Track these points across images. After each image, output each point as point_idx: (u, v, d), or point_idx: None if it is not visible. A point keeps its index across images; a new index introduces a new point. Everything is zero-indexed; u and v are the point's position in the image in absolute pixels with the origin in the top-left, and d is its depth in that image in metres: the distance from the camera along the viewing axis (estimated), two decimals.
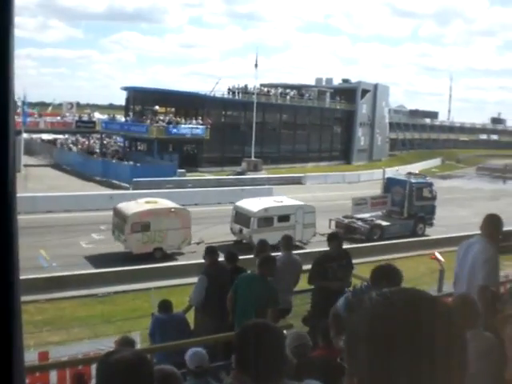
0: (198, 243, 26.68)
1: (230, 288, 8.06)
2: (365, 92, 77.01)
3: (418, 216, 35.05)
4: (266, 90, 68.12)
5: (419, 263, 25.16)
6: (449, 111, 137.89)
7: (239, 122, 63.28)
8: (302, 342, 5.63)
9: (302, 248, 26.94)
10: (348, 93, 75.64)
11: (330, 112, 73.76)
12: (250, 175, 52.91)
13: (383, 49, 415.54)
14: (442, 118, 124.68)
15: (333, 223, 33.46)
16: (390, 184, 36.97)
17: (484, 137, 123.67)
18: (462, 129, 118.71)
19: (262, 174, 54.28)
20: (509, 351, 3.06)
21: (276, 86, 71.45)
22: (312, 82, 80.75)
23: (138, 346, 9.17)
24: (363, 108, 76.83)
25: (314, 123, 71.28)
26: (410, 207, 35.29)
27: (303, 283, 9.92)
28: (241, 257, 9.75)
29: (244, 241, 28.70)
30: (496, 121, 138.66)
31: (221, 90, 63.84)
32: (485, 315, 3.99)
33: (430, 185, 37.41)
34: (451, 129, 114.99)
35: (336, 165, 70.16)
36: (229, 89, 64.56)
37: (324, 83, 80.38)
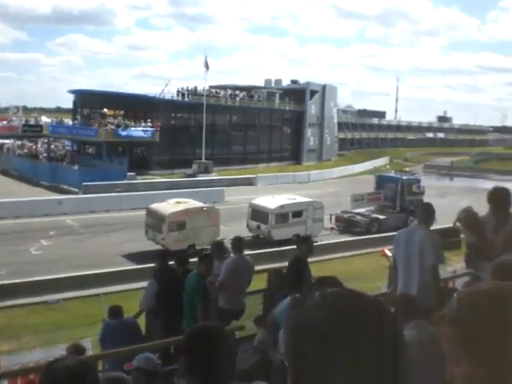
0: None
1: (181, 291, 8.15)
2: (313, 93, 77.24)
3: (409, 209, 36.64)
4: (215, 91, 67.95)
5: (370, 260, 25.60)
6: (396, 111, 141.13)
7: (189, 124, 62.72)
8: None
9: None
10: (297, 94, 75.91)
11: (279, 113, 73.98)
12: (201, 177, 52.71)
13: (330, 50, 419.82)
14: (390, 117, 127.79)
15: (333, 218, 36.01)
16: (381, 181, 40.11)
17: (430, 135, 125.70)
18: (409, 128, 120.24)
19: (213, 176, 54.26)
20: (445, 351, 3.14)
21: (225, 88, 71.23)
22: (261, 84, 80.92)
23: (90, 353, 9.01)
24: (312, 108, 77.12)
25: (264, 124, 71.30)
26: (402, 202, 37.93)
27: (256, 283, 9.94)
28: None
29: (261, 236, 30.77)
30: (442, 119, 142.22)
31: (170, 92, 63.23)
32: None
33: (419, 181, 40.62)
34: (398, 128, 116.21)
35: (286, 165, 70.43)
36: (178, 91, 64.01)
37: (273, 84, 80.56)
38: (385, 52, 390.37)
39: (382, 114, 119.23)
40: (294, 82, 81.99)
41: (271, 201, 32.15)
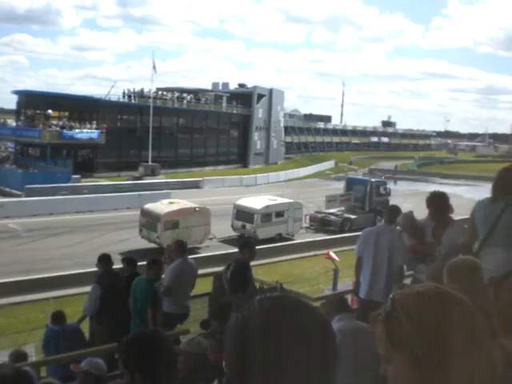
0: (210, 238, 30.82)
1: (125, 296, 8.11)
2: (260, 96, 77.09)
3: (376, 209, 38.40)
4: (162, 94, 67.19)
5: (315, 263, 25.71)
6: (341, 115, 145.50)
7: (136, 127, 61.67)
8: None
9: (287, 240, 32.26)
10: (244, 97, 75.59)
11: (226, 116, 73.60)
12: (148, 180, 52.27)
13: (277, 54, 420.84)
14: (335, 121, 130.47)
15: (307, 218, 37.78)
16: (351, 183, 42.04)
17: (375, 139, 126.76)
18: (354, 132, 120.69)
19: (160, 179, 53.76)
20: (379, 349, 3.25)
21: (172, 90, 70.49)
22: (209, 87, 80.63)
23: (33, 359, 8.91)
24: (259, 112, 76.82)
25: (211, 127, 70.90)
26: (371, 202, 39.83)
27: (201, 287, 9.98)
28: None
29: (246, 235, 30.81)
30: (386, 124, 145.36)
31: (117, 94, 62.50)
32: None
33: (385, 183, 43.23)
34: (344, 132, 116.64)
35: (233, 168, 70.03)
36: (123, 92, 63.08)
37: (220, 88, 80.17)
38: (331, 57, 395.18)
39: (327, 119, 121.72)
40: (241, 85, 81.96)
41: (255, 201, 33.59)
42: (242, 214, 32.72)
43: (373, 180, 42.57)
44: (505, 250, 4.33)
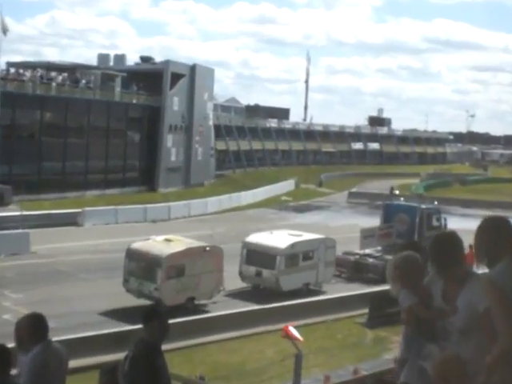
0: (220, 290, 28.57)
1: None
2: (176, 77, 63.35)
3: (426, 250, 19.43)
4: (16, 72, 54.26)
5: (266, 345, 22.94)
6: (305, 108, 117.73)
7: None
8: None
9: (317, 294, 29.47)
10: (150, 78, 61.91)
11: (121, 108, 60.20)
12: None
13: (201, 10, 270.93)
14: (296, 117, 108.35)
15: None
16: (391, 211, 38.64)
17: (359, 146, 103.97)
18: (326, 134, 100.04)
19: (12, 211, 44.32)
20: None
21: (34, 67, 56.55)
22: (93, 62, 66.56)
23: None
24: (174, 103, 63.56)
25: (97, 126, 57.59)
26: (420, 238, 34.90)
27: None
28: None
29: (262, 286, 29.46)
30: (376, 121, 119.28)
31: None
32: None
33: (439, 211, 39.12)
34: (310, 134, 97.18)
35: (133, 193, 58.10)
36: None
37: (112, 63, 66.32)
38: (287, 15, 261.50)
39: (284, 113, 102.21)
40: (144, 59, 67.63)
41: (276, 238, 31.13)
42: (257, 256, 29.63)
43: (423, 207, 38.55)
44: None
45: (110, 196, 55.62)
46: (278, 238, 30.83)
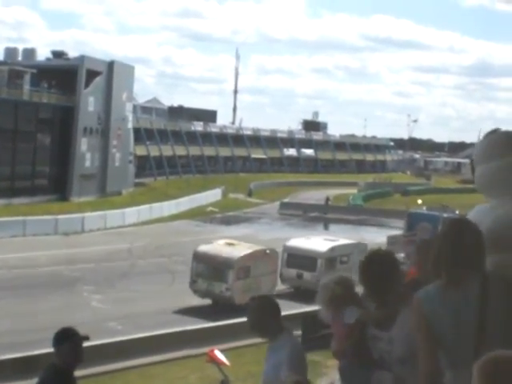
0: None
1: None
2: (92, 75, 60.50)
3: None
4: None
5: (189, 371, 22.21)
6: (234, 110, 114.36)
7: None
8: None
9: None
10: (63, 76, 58.94)
11: (31, 109, 57.29)
12: None
13: (121, 0, 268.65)
14: (224, 120, 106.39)
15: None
16: (413, 219, 41.91)
17: (292, 152, 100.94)
18: (256, 139, 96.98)
19: None
20: None
21: None
22: None
23: None
24: (90, 103, 60.58)
25: (3, 128, 54.41)
26: None
27: None
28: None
29: (303, 287, 30.17)
30: (311, 126, 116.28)
31: None
32: None
33: None
34: (239, 139, 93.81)
35: (43, 202, 55.32)
36: None
37: (20, 58, 62.94)
38: (214, 9, 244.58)
39: (210, 116, 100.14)
40: (57, 54, 64.69)
41: (315, 242, 33.50)
42: (298, 260, 31.79)
43: (445, 215, 39.95)
44: None
45: (17, 206, 53.10)
46: (317, 242, 33.52)
